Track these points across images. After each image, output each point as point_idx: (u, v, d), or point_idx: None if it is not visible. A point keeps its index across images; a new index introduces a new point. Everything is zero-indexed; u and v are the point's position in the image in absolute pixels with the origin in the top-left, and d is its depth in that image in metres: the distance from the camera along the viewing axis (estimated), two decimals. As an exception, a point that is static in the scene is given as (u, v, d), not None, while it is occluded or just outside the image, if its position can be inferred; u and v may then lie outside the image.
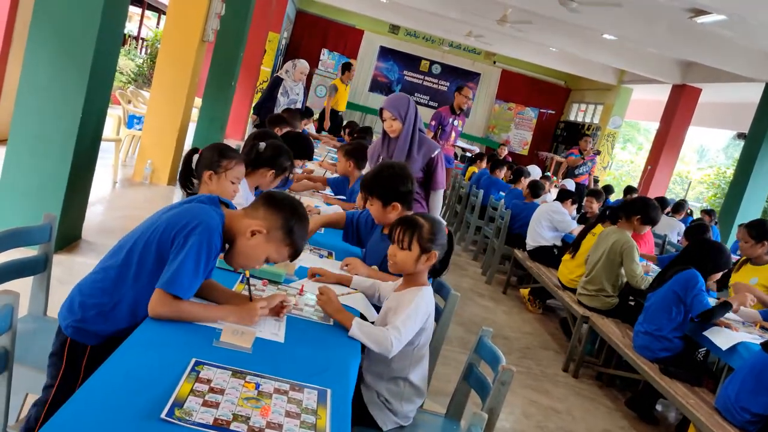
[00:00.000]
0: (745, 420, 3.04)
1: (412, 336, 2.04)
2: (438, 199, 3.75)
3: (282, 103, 6.94)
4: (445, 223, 2.27)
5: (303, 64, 7.15)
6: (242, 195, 2.73)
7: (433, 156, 3.62)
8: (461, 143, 7.47)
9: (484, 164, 9.22)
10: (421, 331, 2.10)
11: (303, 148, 4.18)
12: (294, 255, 1.88)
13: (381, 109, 3.61)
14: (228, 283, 2.05)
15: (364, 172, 3.86)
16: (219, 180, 2.47)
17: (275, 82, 7.03)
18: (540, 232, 5.89)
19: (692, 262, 3.78)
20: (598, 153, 10.35)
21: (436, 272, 2.25)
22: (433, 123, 6.96)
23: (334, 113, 9.18)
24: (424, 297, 2.10)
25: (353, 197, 3.88)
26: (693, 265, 3.74)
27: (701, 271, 3.72)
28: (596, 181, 10.66)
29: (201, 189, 2.48)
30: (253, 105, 7.34)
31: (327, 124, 8.96)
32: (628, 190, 9.31)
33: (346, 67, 9.34)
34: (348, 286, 2.40)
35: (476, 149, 7.49)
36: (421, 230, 2.13)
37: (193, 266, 1.71)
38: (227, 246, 1.86)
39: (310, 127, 8.20)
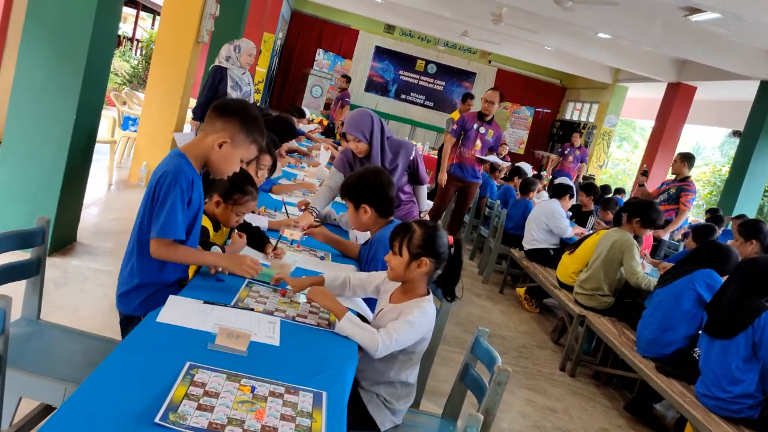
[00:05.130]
0: (734, 403, 3.12)
1: (408, 345, 2.02)
2: (423, 192, 3.85)
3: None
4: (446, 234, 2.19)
5: (248, 45, 5.62)
6: None
7: (412, 158, 3.65)
8: (494, 158, 6.48)
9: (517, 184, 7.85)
10: (421, 340, 2.09)
11: (287, 130, 4.33)
12: (260, 149, 2.13)
13: (343, 133, 3.62)
14: (236, 283, 2.11)
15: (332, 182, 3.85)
16: (225, 209, 2.46)
17: (217, 74, 5.50)
18: (534, 234, 5.89)
19: (705, 264, 3.80)
20: None
21: (443, 284, 2.20)
22: (455, 127, 6.45)
23: None
24: (426, 309, 2.07)
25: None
26: (708, 267, 3.78)
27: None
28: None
29: (207, 206, 2.47)
30: (192, 108, 5.68)
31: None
32: (617, 192, 9.32)
33: (467, 97, 8.67)
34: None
35: (508, 164, 6.66)
36: (412, 236, 2.11)
37: (177, 206, 1.95)
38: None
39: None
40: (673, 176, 6.85)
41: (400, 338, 1.96)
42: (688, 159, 6.65)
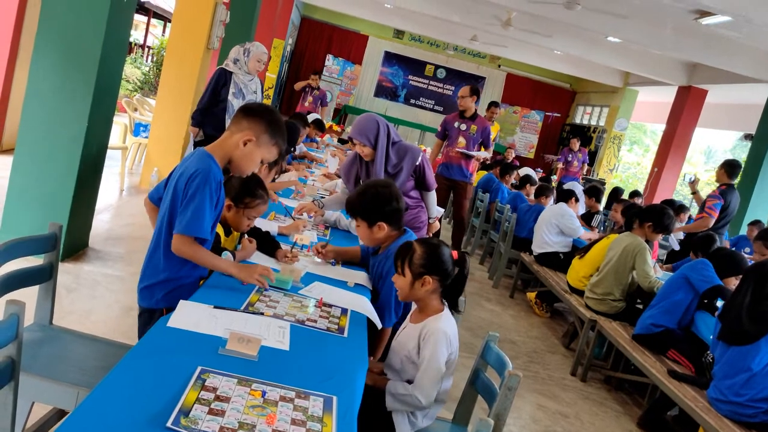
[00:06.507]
0: (742, 409, 3.13)
1: (442, 376, 2.08)
2: (432, 198, 3.85)
3: (235, 107, 4.94)
4: (449, 249, 2.22)
5: (258, 49, 5.13)
6: None
7: (418, 163, 3.64)
8: (478, 152, 6.48)
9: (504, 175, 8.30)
10: (448, 357, 2.12)
11: (291, 135, 4.39)
12: (280, 153, 2.22)
13: (350, 137, 3.65)
14: (246, 287, 2.15)
15: (341, 190, 3.90)
16: (236, 212, 2.48)
17: (221, 78, 5.04)
18: (545, 238, 5.85)
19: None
20: None
21: (448, 295, 2.21)
22: (439, 129, 6.76)
23: None
24: (440, 328, 2.09)
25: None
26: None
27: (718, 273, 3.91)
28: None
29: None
30: (191, 114, 5.28)
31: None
32: (634, 194, 9.24)
33: (491, 105, 8.60)
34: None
35: (483, 154, 6.59)
36: (413, 256, 2.14)
37: (205, 205, 2.00)
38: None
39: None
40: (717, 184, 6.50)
41: (433, 381, 2.05)
42: (726, 166, 6.28)
